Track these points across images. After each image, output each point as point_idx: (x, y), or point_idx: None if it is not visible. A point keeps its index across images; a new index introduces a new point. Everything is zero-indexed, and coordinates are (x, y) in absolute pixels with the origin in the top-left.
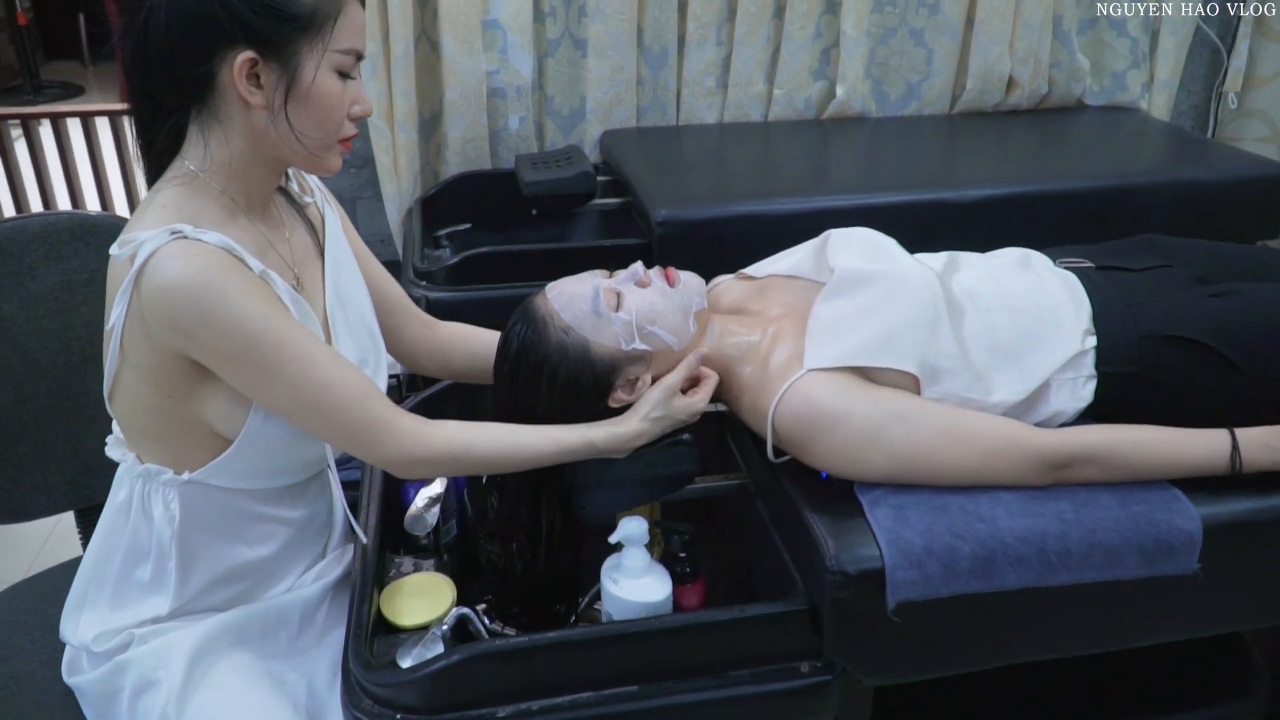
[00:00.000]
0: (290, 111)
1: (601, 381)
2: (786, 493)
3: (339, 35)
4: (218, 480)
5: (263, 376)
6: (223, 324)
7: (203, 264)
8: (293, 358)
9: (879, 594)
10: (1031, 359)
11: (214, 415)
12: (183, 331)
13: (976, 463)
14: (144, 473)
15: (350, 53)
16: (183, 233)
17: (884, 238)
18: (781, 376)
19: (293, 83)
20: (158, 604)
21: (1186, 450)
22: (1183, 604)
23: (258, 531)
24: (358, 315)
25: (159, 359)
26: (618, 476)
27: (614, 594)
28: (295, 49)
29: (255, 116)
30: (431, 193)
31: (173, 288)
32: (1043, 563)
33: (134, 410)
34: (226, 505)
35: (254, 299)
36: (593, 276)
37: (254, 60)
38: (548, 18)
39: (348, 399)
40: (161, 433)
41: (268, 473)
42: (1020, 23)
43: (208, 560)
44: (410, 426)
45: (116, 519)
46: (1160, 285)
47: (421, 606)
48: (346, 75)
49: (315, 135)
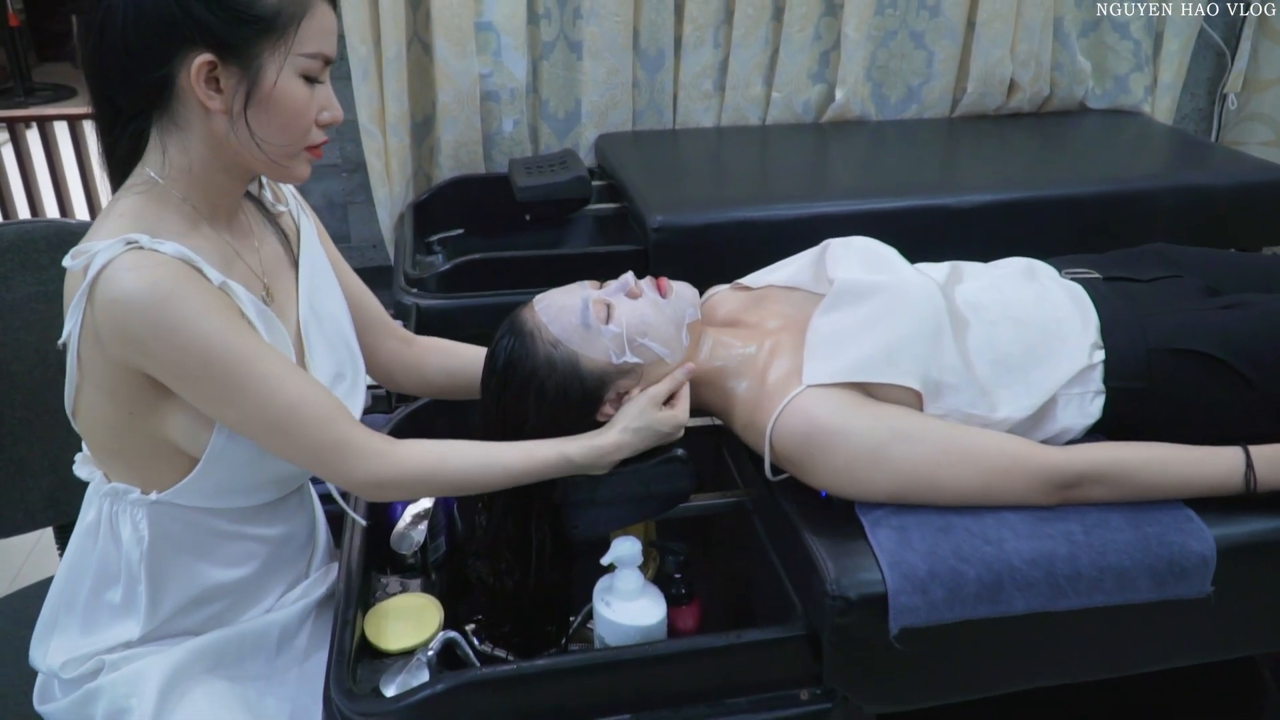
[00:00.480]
0: (251, 117)
1: (591, 395)
2: (785, 512)
3: (304, 38)
4: (187, 500)
5: (221, 394)
6: (177, 339)
7: (157, 275)
8: (253, 375)
9: (881, 619)
10: (1038, 373)
11: (177, 432)
12: (136, 346)
13: (981, 482)
14: (111, 492)
15: (316, 57)
16: (138, 243)
17: (884, 247)
18: (779, 392)
19: (253, 87)
20: (128, 628)
21: (1199, 469)
22: (1195, 628)
23: (233, 551)
24: (334, 328)
25: (116, 374)
26: (610, 494)
27: (606, 617)
28: (256, 52)
29: (215, 122)
30: (424, 197)
31: (125, 300)
32: (1051, 587)
33: (97, 427)
34: (198, 525)
35: (212, 313)
36: (582, 288)
37: (212, 63)
38: (542, 19)
39: (311, 418)
40: (126, 450)
41: (239, 491)
42: (1021, 25)
43: (180, 582)
44: (377, 447)
45: (85, 540)
46: (1169, 296)
47: (407, 630)
48: (314, 80)
49: (278, 142)
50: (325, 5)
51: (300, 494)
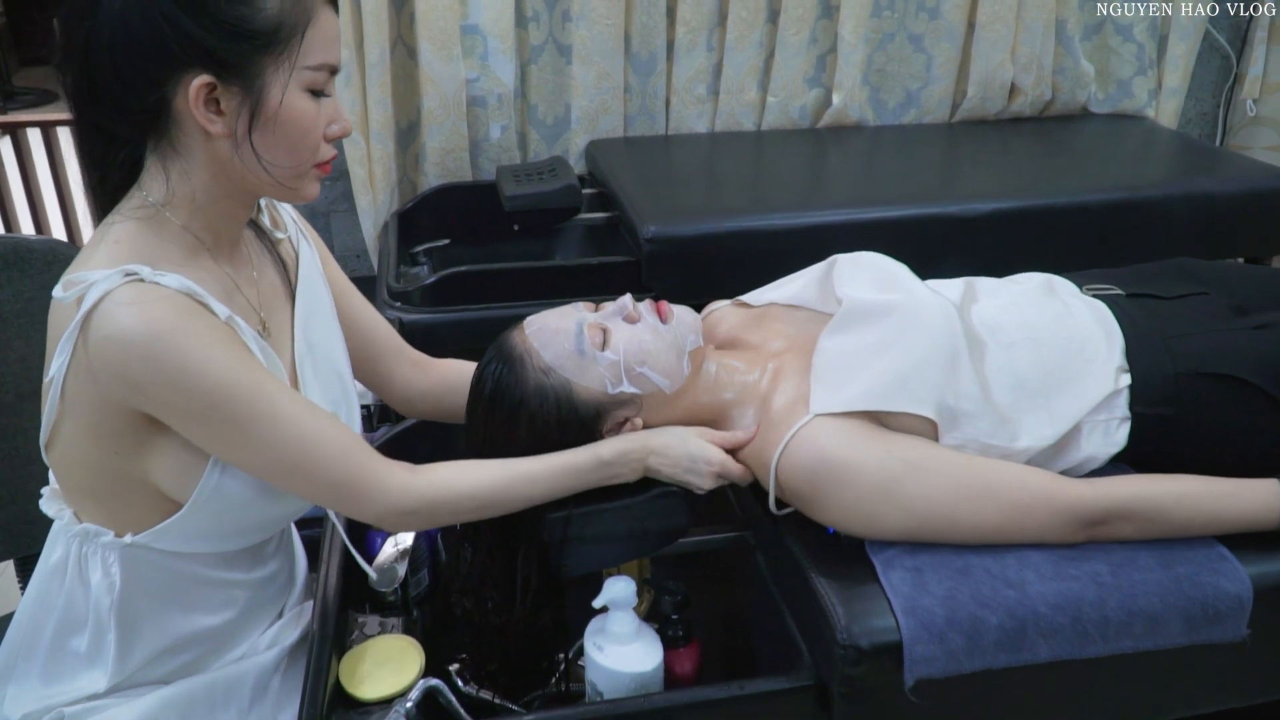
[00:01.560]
0: (256, 139)
1: (586, 427)
2: (790, 551)
3: (309, 50)
4: (165, 544)
5: (231, 436)
6: (183, 379)
7: (159, 311)
8: (265, 414)
9: (895, 670)
10: (1061, 400)
11: (162, 475)
12: (136, 387)
13: (1002, 519)
14: (82, 533)
15: (322, 68)
16: (138, 274)
17: (895, 264)
18: (785, 422)
19: (257, 107)
20: (94, 679)
21: (1233, 503)
22: (1229, 672)
23: (210, 598)
24: (328, 363)
25: (106, 412)
26: (601, 531)
27: (599, 662)
28: (258, 70)
29: (218, 146)
30: (409, 206)
31: (124, 338)
32: (1078, 633)
33: (73, 465)
34: (174, 570)
35: (219, 349)
36: (576, 310)
37: (211, 85)
38: (530, 23)
39: (328, 455)
40: (103, 490)
41: (222, 535)
42: (1023, 28)
43: (152, 630)
44: (400, 478)
45: (50, 582)
46: (1197, 315)
47: (386, 676)
48: (320, 93)
49: (286, 163)
50: (328, 10)
51: (282, 535)
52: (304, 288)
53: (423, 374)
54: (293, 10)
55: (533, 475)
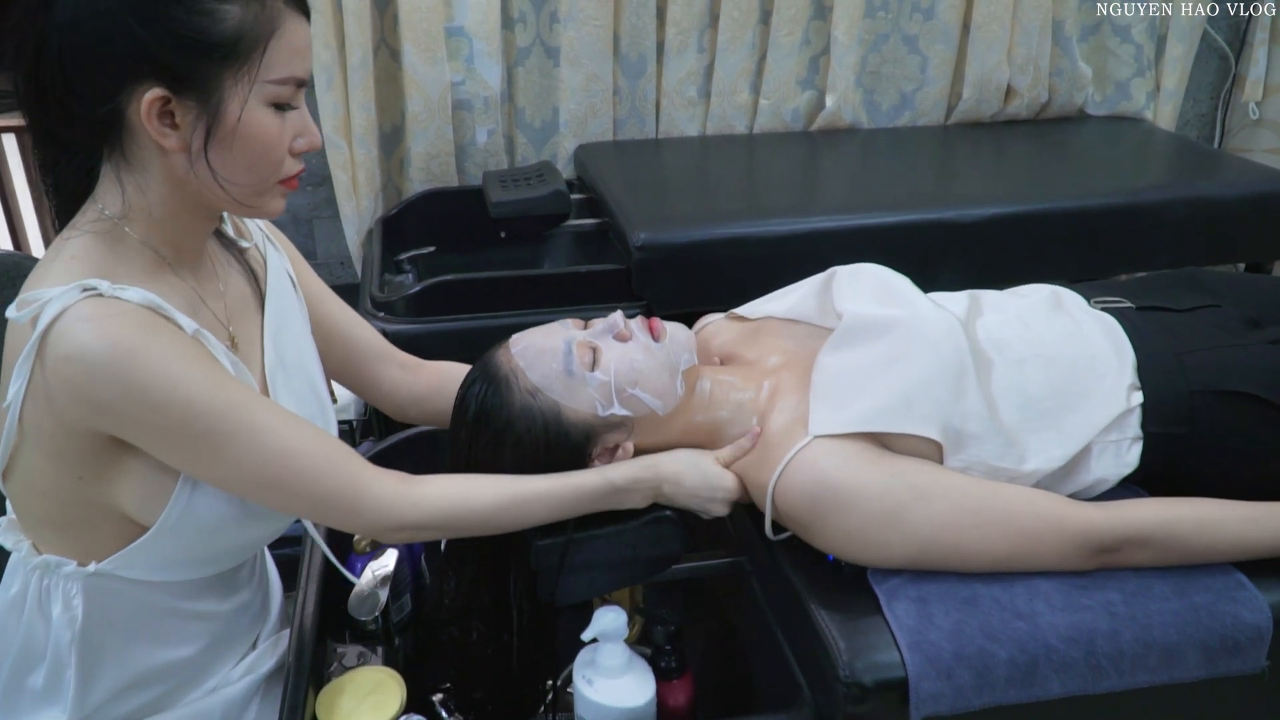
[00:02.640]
0: (213, 156)
1: (576, 451)
2: (788, 579)
3: (272, 63)
4: (131, 572)
5: (206, 453)
6: (150, 397)
7: (121, 326)
8: (240, 428)
9: (900, 708)
10: (1071, 420)
11: (128, 499)
12: (99, 407)
13: (1010, 547)
14: (42, 564)
15: (288, 82)
16: (97, 289)
17: (897, 276)
18: (783, 444)
19: (214, 123)
20: (53, 717)
21: (1253, 529)
22: (1246, 704)
23: (179, 630)
24: (301, 375)
25: (68, 437)
26: (593, 558)
27: (588, 697)
28: (216, 83)
29: (174, 160)
30: (393, 212)
31: (84, 357)
32: (1091, 668)
33: (33, 493)
34: (141, 601)
35: (187, 363)
36: (564, 328)
37: (165, 98)
38: (517, 24)
39: (312, 467)
40: (64, 518)
41: (192, 561)
42: (1019, 28)
43: (115, 665)
44: (393, 488)
45: (7, 617)
46: (1209, 329)
47: (365, 712)
48: (286, 106)
49: (246, 181)
50: (296, 19)
51: (255, 561)
52: (273, 296)
53: (412, 376)
54: (255, 21)
55: (540, 496)
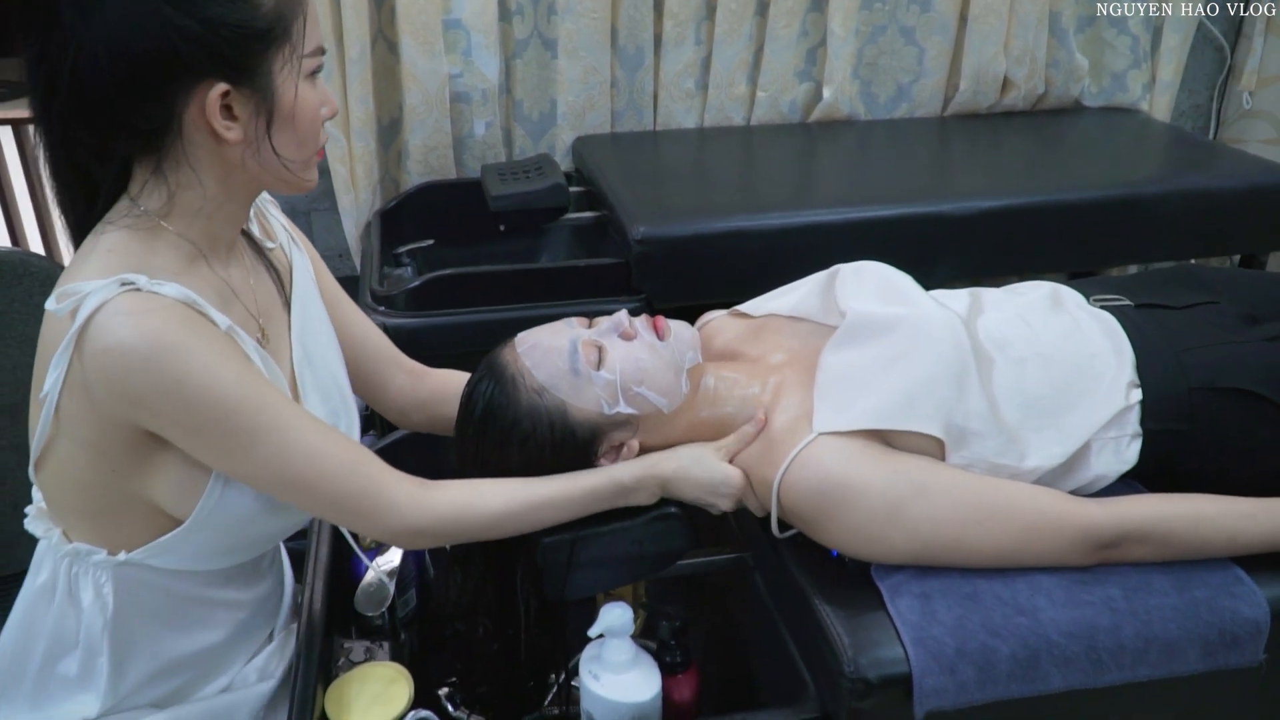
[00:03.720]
0: (275, 139)
1: (582, 450)
2: (792, 575)
3: (307, 36)
4: (161, 561)
5: (236, 450)
6: (185, 392)
7: (159, 322)
8: (270, 427)
9: (904, 702)
10: (1071, 417)
11: (162, 492)
12: (136, 401)
13: (1011, 542)
14: (72, 552)
15: (317, 52)
16: (135, 284)
17: (900, 275)
18: (787, 441)
19: (274, 107)
20: (86, 703)
21: (1251, 524)
22: (1245, 698)
23: (206, 618)
24: (327, 373)
25: (104, 430)
26: (598, 555)
27: (594, 692)
28: (267, 68)
29: (229, 151)
30: (391, 205)
31: (123, 350)
32: (1092, 662)
33: (66, 484)
34: (170, 590)
35: (221, 361)
36: (569, 327)
37: (226, 91)
38: (514, 16)
39: (335, 469)
40: (97, 509)
41: (222, 551)
42: (1015, 20)
43: (146, 651)
44: (409, 492)
45: (37, 604)
46: (1207, 326)
47: (373, 708)
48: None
49: (299, 157)
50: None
51: (275, 550)
52: (298, 296)
53: (418, 383)
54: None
55: (551, 500)
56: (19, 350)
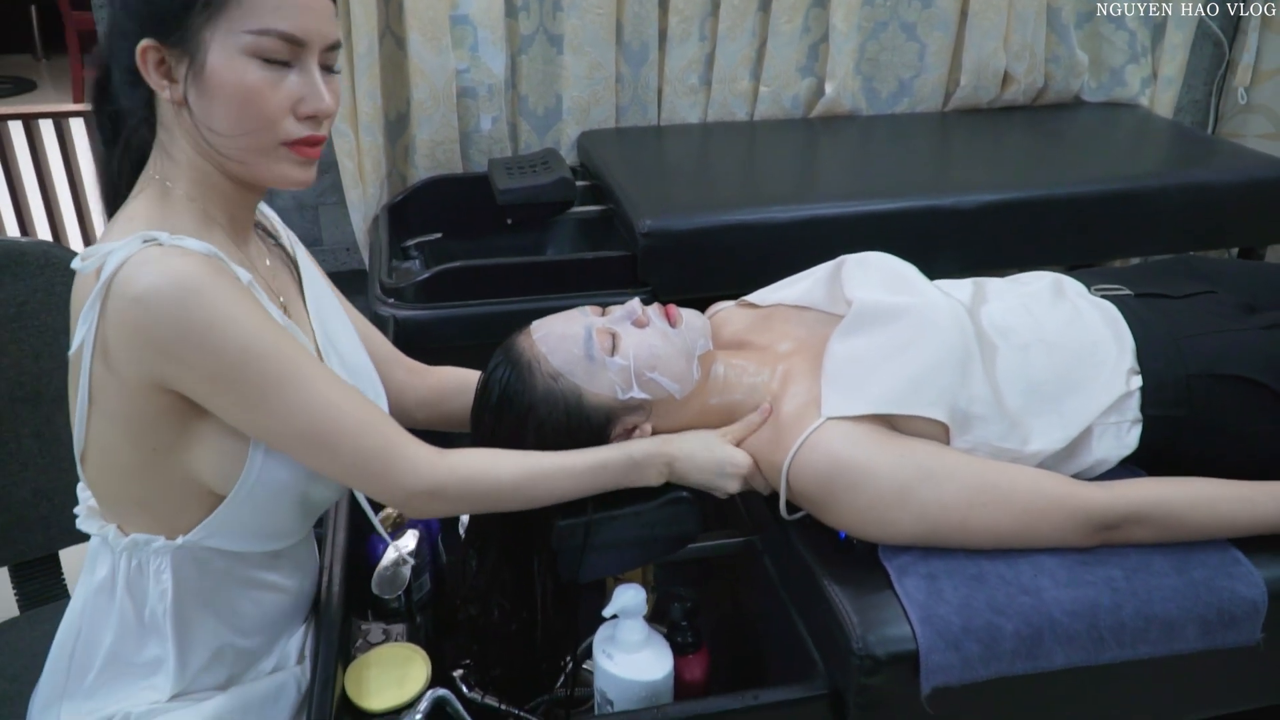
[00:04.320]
0: (194, 103)
1: (596, 433)
2: (801, 556)
3: (247, 13)
4: (216, 541)
5: (258, 400)
6: (210, 339)
7: (184, 266)
8: (294, 377)
9: (911, 679)
10: (1072, 403)
11: (205, 467)
12: (161, 350)
13: (1015, 524)
14: (130, 544)
15: (268, 33)
16: (157, 239)
17: (904, 265)
18: (796, 426)
19: (197, 71)
20: (156, 686)
21: (1248, 507)
22: (1243, 675)
23: (257, 600)
24: (352, 355)
25: (135, 401)
26: (611, 538)
27: (608, 670)
28: (195, 31)
29: (183, 115)
30: (399, 199)
31: (147, 297)
32: (1094, 640)
33: (113, 474)
34: (225, 572)
35: (245, 309)
36: (583, 315)
37: (156, 48)
38: (521, 12)
39: (354, 425)
40: (148, 495)
41: (269, 530)
42: (1015, 16)
43: (206, 634)
44: (426, 455)
45: (98, 599)
46: (1206, 315)
47: (392, 686)
48: (278, 62)
49: (229, 132)
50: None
51: (309, 538)
52: (310, 285)
53: (419, 381)
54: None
55: (563, 469)
56: (40, 340)
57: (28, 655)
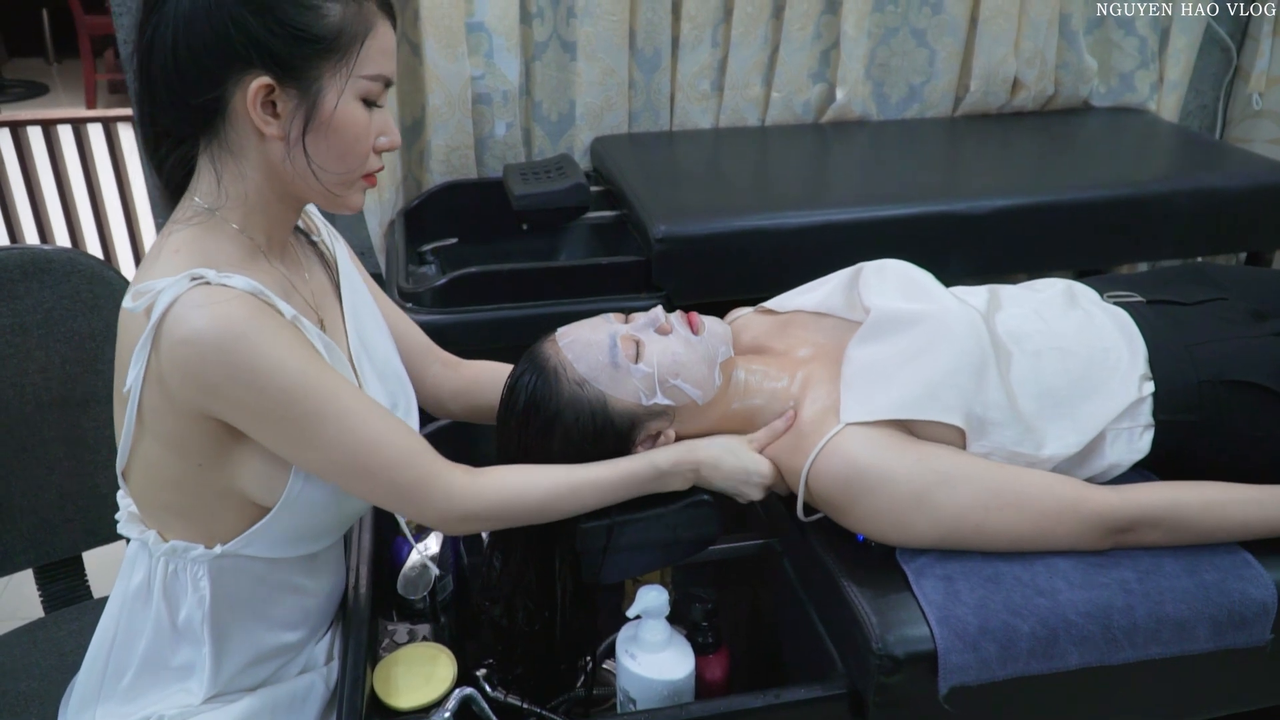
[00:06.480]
0: (309, 143)
1: (621, 439)
2: (820, 558)
3: (366, 59)
4: (255, 550)
5: (301, 437)
6: (256, 380)
7: (230, 311)
8: (334, 414)
9: (929, 678)
10: (1085, 408)
11: (250, 481)
12: (210, 390)
13: (1030, 528)
14: (169, 551)
15: (378, 79)
16: (204, 278)
17: (921, 273)
18: (816, 431)
19: (313, 112)
20: (190, 690)
21: (1259, 510)
22: (1253, 675)
23: (291, 604)
24: (383, 357)
25: (185, 425)
26: (634, 540)
27: (631, 670)
28: (317, 74)
29: (271, 148)
30: (415, 204)
31: (198, 340)
32: (1107, 640)
33: (156, 484)
34: (263, 579)
35: (289, 349)
36: (607, 322)
37: (270, 86)
38: (535, 19)
39: (394, 458)
40: (190, 506)
41: (306, 537)
42: (1026, 22)
43: (243, 638)
44: (461, 481)
45: (134, 603)
46: (1217, 321)
47: (420, 685)
48: (373, 104)
49: (336, 170)
50: (387, 24)
51: (339, 542)
52: (347, 285)
53: (453, 374)
54: (354, 20)
55: (594, 483)
56: (68, 346)
57: (55, 655)
